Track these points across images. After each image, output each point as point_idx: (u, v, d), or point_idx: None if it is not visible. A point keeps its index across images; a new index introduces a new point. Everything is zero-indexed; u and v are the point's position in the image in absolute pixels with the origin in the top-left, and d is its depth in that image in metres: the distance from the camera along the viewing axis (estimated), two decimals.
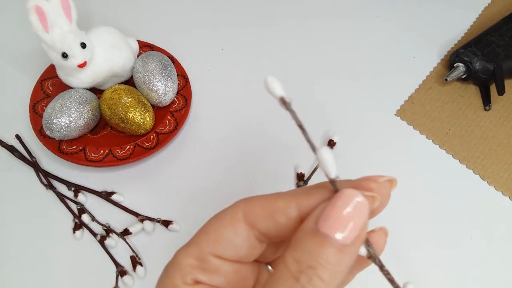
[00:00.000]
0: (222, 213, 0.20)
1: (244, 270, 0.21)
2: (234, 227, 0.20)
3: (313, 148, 0.19)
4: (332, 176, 0.18)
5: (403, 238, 0.39)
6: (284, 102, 0.19)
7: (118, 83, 0.44)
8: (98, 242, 0.38)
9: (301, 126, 0.19)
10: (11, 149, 0.42)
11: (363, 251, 0.18)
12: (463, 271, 0.38)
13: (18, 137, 0.43)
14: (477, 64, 0.47)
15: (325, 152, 0.18)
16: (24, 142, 0.43)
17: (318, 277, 0.17)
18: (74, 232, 0.38)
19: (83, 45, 0.39)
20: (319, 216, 0.17)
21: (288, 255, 0.17)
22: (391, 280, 0.19)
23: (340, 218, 0.17)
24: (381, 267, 0.19)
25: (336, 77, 0.50)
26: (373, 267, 0.20)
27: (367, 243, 0.19)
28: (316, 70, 0.50)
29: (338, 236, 0.17)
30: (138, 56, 0.46)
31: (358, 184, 0.19)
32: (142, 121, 0.41)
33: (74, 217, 0.39)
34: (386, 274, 0.19)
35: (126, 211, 0.40)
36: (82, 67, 0.39)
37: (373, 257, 0.19)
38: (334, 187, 0.19)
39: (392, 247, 0.29)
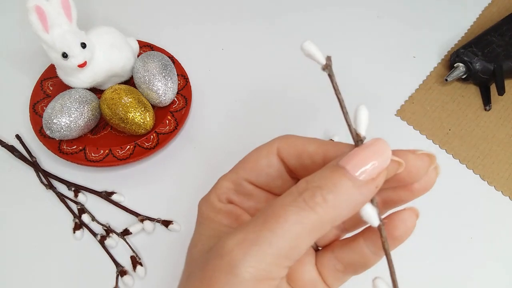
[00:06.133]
0: (261, 146, 0.22)
1: None
2: (268, 159, 0.22)
3: (345, 113, 0.20)
4: (363, 133, 0.20)
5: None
6: (326, 67, 0.22)
7: (118, 83, 0.44)
8: (98, 242, 0.38)
9: (337, 92, 0.21)
10: (11, 149, 0.42)
11: (375, 221, 0.19)
12: (463, 271, 0.38)
13: (18, 137, 0.43)
14: (477, 64, 0.47)
15: (363, 110, 0.20)
16: (24, 142, 0.43)
17: (321, 195, 0.17)
18: (74, 232, 0.38)
19: (83, 45, 0.39)
20: (341, 157, 0.18)
21: (302, 179, 0.18)
22: (390, 261, 0.20)
23: (360, 158, 0.18)
24: (383, 243, 0.19)
25: (336, 76, 0.50)
26: None
27: (380, 218, 0.19)
28: (316, 70, 0.50)
29: (355, 171, 0.17)
30: (138, 56, 0.46)
31: (395, 150, 0.20)
32: (142, 121, 0.41)
33: (74, 217, 0.39)
34: (387, 254, 0.20)
35: (126, 211, 0.40)
36: (82, 67, 0.39)
37: (380, 229, 0.19)
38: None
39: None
